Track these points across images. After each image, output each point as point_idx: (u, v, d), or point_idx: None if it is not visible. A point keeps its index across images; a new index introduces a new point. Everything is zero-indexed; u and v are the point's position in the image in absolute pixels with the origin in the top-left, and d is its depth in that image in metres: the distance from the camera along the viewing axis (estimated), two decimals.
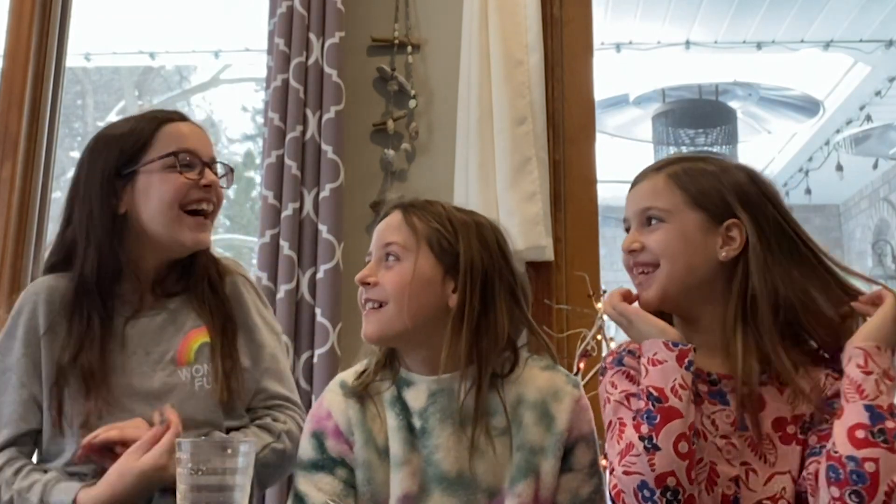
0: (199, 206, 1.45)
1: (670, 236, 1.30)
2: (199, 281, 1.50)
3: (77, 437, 1.37)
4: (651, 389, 1.20)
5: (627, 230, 1.39)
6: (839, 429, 1.17)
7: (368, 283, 1.32)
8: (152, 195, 1.43)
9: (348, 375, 1.38)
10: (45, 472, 1.36)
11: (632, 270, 1.36)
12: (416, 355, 1.35)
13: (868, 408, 1.16)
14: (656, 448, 1.17)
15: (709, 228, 1.30)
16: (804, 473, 1.24)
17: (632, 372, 1.31)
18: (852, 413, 1.17)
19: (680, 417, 1.18)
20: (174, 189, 1.42)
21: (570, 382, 1.37)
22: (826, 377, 1.28)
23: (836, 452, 1.16)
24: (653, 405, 1.19)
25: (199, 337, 1.47)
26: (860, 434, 1.15)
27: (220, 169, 1.51)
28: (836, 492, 1.14)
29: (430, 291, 1.31)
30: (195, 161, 1.45)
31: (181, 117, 1.51)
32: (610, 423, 1.29)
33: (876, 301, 1.24)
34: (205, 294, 1.49)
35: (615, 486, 1.22)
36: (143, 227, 1.44)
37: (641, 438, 1.18)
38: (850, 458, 1.14)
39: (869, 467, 1.13)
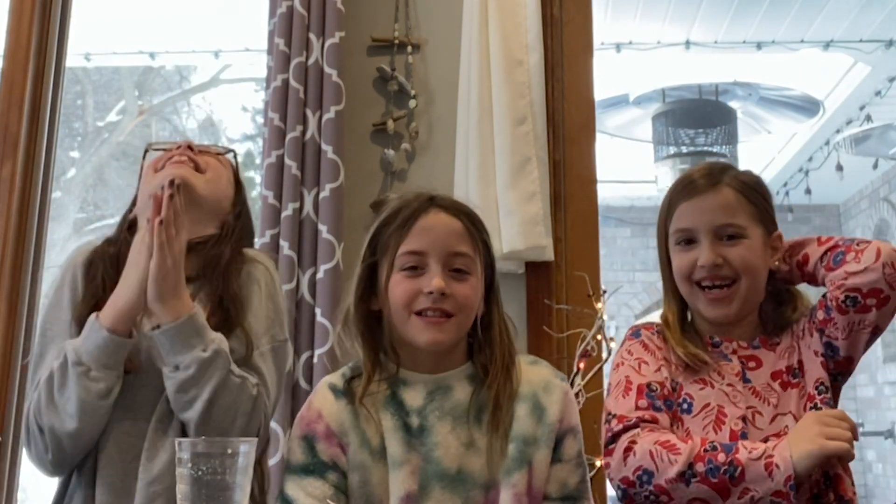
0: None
1: (751, 252, 1.39)
2: (214, 269, 1.48)
3: None
4: (735, 466, 1.22)
5: (687, 242, 1.42)
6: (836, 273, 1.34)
7: (444, 294, 1.30)
8: None
9: (336, 378, 1.38)
10: None
11: (698, 283, 1.40)
12: (426, 356, 1.35)
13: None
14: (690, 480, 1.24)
15: (766, 241, 1.42)
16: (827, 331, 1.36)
17: (646, 341, 1.43)
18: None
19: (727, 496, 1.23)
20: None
21: (557, 376, 1.40)
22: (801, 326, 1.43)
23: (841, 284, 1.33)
24: (726, 470, 1.22)
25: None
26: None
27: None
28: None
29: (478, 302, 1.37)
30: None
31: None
32: (619, 381, 1.39)
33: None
34: (216, 282, 1.47)
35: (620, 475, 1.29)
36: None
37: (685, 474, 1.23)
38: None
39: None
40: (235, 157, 1.65)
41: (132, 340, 1.36)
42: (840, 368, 1.38)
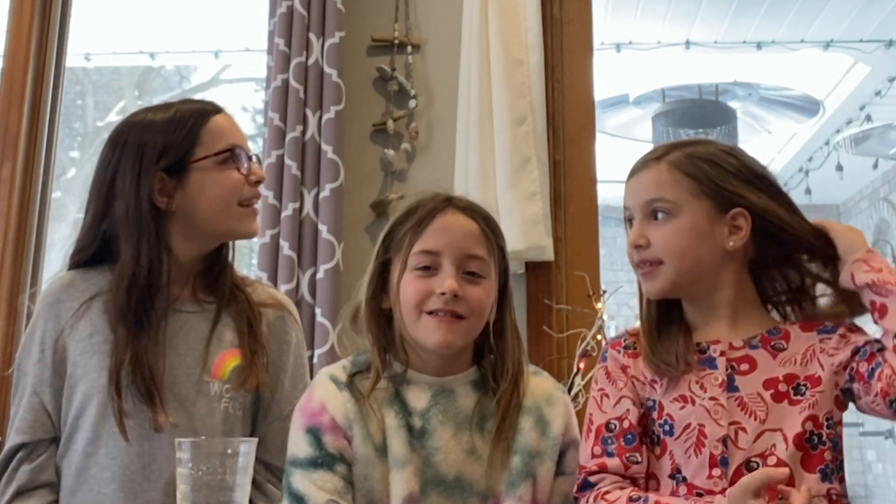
0: (250, 202, 1.46)
1: (678, 233, 1.28)
2: (227, 291, 1.47)
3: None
4: None
5: (629, 221, 1.35)
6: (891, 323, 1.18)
7: (457, 296, 1.30)
8: (207, 193, 1.41)
9: (337, 370, 1.36)
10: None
11: (637, 265, 1.33)
12: (432, 358, 1.33)
13: None
14: None
15: (715, 218, 1.28)
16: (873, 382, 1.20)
17: (609, 367, 1.34)
18: (894, 308, 1.18)
19: None
20: (231, 187, 1.43)
21: (558, 388, 1.40)
22: (825, 340, 1.28)
23: None
24: None
25: (234, 358, 1.44)
26: None
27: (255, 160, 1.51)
28: None
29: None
30: (243, 156, 1.45)
31: (218, 109, 1.48)
32: (586, 416, 1.35)
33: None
34: (240, 314, 1.46)
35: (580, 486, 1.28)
36: (195, 221, 1.42)
37: None
38: None
39: None
40: None
41: None
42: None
